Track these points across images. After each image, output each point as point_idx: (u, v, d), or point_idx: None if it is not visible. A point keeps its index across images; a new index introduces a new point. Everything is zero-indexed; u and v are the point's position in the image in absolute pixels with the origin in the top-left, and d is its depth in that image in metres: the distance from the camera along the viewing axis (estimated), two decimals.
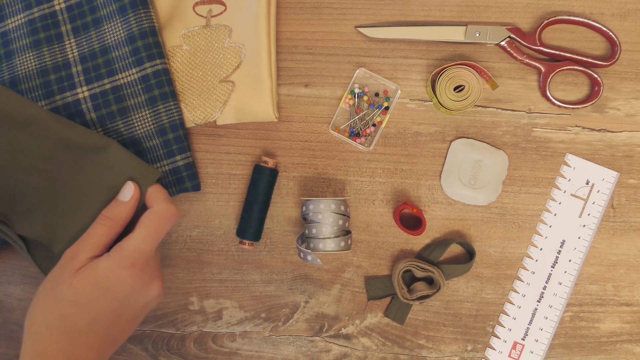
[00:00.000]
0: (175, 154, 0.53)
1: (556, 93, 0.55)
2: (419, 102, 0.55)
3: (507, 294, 0.55)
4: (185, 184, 0.54)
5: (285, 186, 0.56)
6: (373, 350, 0.55)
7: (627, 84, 0.55)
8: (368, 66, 0.55)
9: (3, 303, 0.56)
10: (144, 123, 0.53)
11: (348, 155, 0.55)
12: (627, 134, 0.54)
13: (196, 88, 0.55)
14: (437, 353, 0.55)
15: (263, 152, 0.56)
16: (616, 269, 0.54)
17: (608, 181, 0.54)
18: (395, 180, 0.55)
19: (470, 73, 0.52)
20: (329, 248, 0.50)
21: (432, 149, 0.55)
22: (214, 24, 0.55)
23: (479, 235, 0.55)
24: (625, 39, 0.54)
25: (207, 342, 0.56)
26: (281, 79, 0.56)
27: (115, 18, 0.53)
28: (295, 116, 0.56)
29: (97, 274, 0.43)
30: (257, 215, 0.53)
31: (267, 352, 0.56)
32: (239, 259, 0.56)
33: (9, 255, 0.56)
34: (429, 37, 0.54)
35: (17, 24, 0.54)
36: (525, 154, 0.55)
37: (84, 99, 0.53)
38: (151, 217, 0.45)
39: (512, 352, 0.54)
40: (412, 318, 0.55)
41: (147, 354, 0.56)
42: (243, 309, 0.56)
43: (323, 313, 0.55)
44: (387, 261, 0.55)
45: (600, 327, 0.54)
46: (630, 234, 0.54)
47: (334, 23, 0.56)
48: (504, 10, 0.55)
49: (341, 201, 0.51)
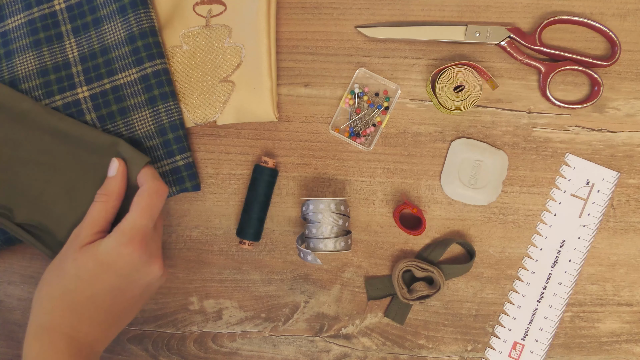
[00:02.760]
0: (175, 154, 0.53)
1: (556, 93, 0.55)
2: (419, 102, 0.55)
3: (507, 294, 0.55)
4: (185, 184, 0.54)
5: (285, 186, 0.56)
6: (373, 350, 0.55)
7: (627, 84, 0.55)
8: (368, 66, 0.55)
9: (3, 303, 0.56)
10: (144, 123, 0.53)
11: (348, 155, 0.55)
12: (627, 134, 0.54)
13: (196, 88, 0.55)
14: (437, 353, 0.55)
15: (263, 152, 0.56)
16: (616, 269, 0.54)
17: (608, 181, 0.54)
18: (395, 180, 0.55)
19: (470, 73, 0.52)
20: (329, 248, 0.50)
21: (432, 149, 0.55)
22: (214, 24, 0.55)
23: (479, 235, 0.55)
24: (625, 39, 0.54)
25: (207, 342, 0.56)
26: (281, 79, 0.56)
27: (115, 18, 0.53)
28: (295, 116, 0.56)
29: (99, 251, 0.45)
30: (257, 215, 0.53)
31: (267, 352, 0.56)
32: (239, 259, 0.56)
33: (9, 255, 0.56)
34: (429, 37, 0.54)
35: (17, 24, 0.54)
36: (525, 154, 0.55)
37: (84, 99, 0.53)
38: (143, 195, 0.47)
39: (512, 352, 0.54)
40: (412, 318, 0.55)
41: (147, 354, 0.56)
42: (243, 309, 0.56)
43: (323, 313, 0.55)
44: (387, 261, 0.55)
45: (600, 327, 0.54)
46: (630, 234, 0.54)
47: (334, 23, 0.56)
48: (504, 10, 0.55)
49: (341, 201, 0.51)
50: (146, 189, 0.47)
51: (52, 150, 0.51)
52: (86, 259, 0.45)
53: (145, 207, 0.46)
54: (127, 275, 0.46)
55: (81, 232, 0.47)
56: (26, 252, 0.56)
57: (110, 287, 0.46)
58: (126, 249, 0.45)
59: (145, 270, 0.46)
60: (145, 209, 0.46)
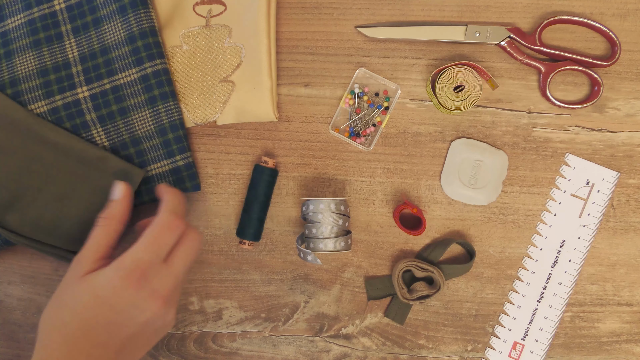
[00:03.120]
0: (175, 154, 0.53)
1: (556, 93, 0.55)
2: (419, 102, 0.55)
3: (507, 294, 0.55)
4: (185, 184, 0.54)
5: (285, 186, 0.56)
6: (373, 350, 0.55)
7: (627, 84, 0.55)
8: (368, 66, 0.55)
9: (3, 303, 0.56)
10: (144, 123, 0.53)
11: (348, 155, 0.55)
12: (627, 134, 0.54)
13: (196, 88, 0.55)
14: (437, 353, 0.55)
15: (263, 152, 0.56)
16: (616, 269, 0.54)
17: (608, 181, 0.54)
18: (395, 180, 0.55)
19: (470, 73, 0.52)
20: (329, 248, 0.50)
21: (432, 149, 0.55)
22: (214, 24, 0.55)
23: (479, 235, 0.55)
24: (625, 39, 0.54)
25: (207, 342, 0.56)
26: (281, 79, 0.56)
27: (115, 18, 0.53)
28: (295, 116, 0.56)
29: (96, 283, 0.43)
30: (257, 215, 0.53)
31: (267, 352, 0.56)
32: (239, 259, 0.56)
33: (9, 255, 0.56)
34: (429, 37, 0.54)
35: (17, 24, 0.54)
36: (525, 154, 0.55)
37: (84, 99, 0.53)
38: (152, 227, 0.44)
39: (512, 352, 0.54)
40: (412, 318, 0.55)
41: (146, 354, 0.56)
42: (243, 309, 0.56)
43: (323, 313, 0.55)
44: (387, 261, 0.55)
45: (600, 327, 0.54)
46: (630, 234, 0.54)
47: (334, 23, 0.56)
48: (504, 10, 0.55)
49: (341, 201, 0.51)
50: (157, 222, 0.45)
51: (42, 159, 0.51)
52: (82, 291, 0.43)
53: (152, 241, 0.44)
54: (122, 311, 0.43)
55: (82, 258, 0.45)
56: (26, 252, 0.56)
57: (105, 322, 0.42)
58: (122, 282, 0.42)
59: (143, 307, 0.43)
60: (151, 243, 0.44)
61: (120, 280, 0.42)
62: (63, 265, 0.56)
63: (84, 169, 0.51)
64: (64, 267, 0.56)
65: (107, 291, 0.42)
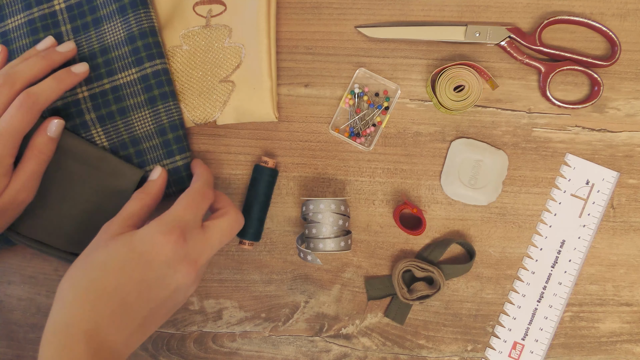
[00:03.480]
0: (175, 154, 0.53)
1: (556, 93, 0.55)
2: (419, 102, 0.55)
3: (507, 294, 0.55)
4: (185, 184, 0.54)
5: (285, 186, 0.56)
6: (373, 350, 0.55)
7: (627, 84, 0.55)
8: (368, 66, 0.55)
9: (3, 303, 0.56)
10: (144, 123, 0.53)
11: (348, 155, 0.55)
12: (627, 134, 0.54)
13: (196, 88, 0.55)
14: (437, 353, 0.55)
15: (263, 152, 0.56)
16: (616, 269, 0.54)
17: (608, 181, 0.54)
18: (395, 180, 0.55)
19: (470, 73, 0.52)
20: (329, 248, 0.50)
21: (432, 149, 0.55)
22: (214, 24, 0.55)
23: (479, 235, 0.55)
24: (625, 39, 0.54)
25: (207, 342, 0.56)
26: (281, 79, 0.56)
27: (115, 18, 0.53)
28: (295, 116, 0.56)
29: (133, 238, 0.43)
30: (257, 215, 0.53)
31: (267, 352, 0.56)
32: (239, 259, 0.56)
33: (9, 255, 0.56)
34: (429, 37, 0.54)
35: (17, 24, 0.54)
36: (525, 154, 0.55)
37: (84, 99, 0.53)
38: (188, 193, 0.46)
39: (512, 352, 0.54)
40: (412, 318, 0.55)
41: (147, 354, 0.56)
42: (243, 309, 0.56)
43: (323, 313, 0.55)
44: (387, 261, 0.55)
45: (600, 327, 0.55)
46: (630, 234, 0.54)
47: (334, 23, 0.56)
48: (504, 10, 0.55)
49: (341, 201, 0.51)
50: (194, 189, 0.46)
51: None
52: (118, 246, 0.42)
53: (192, 203, 0.45)
54: (157, 268, 0.42)
55: (113, 224, 0.45)
56: (26, 252, 0.56)
57: (139, 279, 0.42)
58: (163, 238, 0.42)
59: (177, 268, 0.43)
60: (190, 205, 0.45)
61: (161, 236, 0.42)
62: (63, 266, 0.56)
63: (84, 169, 0.51)
64: (64, 267, 0.56)
65: (147, 246, 0.42)
